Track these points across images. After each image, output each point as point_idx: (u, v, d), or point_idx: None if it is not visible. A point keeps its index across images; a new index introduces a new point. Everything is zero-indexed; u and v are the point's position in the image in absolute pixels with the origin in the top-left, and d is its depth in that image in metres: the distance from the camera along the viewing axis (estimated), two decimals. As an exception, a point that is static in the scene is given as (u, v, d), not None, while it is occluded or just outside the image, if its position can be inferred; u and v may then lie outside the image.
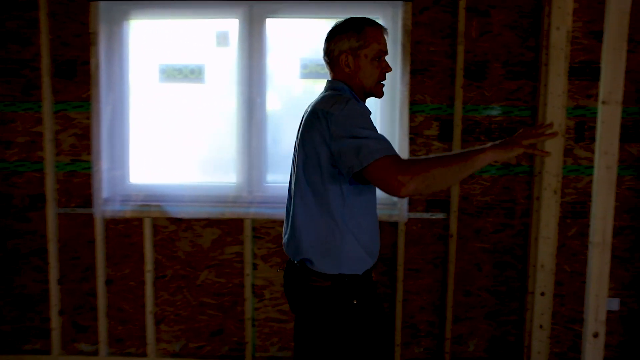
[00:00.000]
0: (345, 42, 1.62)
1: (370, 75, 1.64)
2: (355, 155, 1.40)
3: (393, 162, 1.39)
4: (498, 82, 2.84)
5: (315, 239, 1.56)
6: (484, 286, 2.94)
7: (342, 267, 1.56)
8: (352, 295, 1.57)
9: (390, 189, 1.38)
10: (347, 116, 1.46)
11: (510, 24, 2.81)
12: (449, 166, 1.41)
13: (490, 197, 2.90)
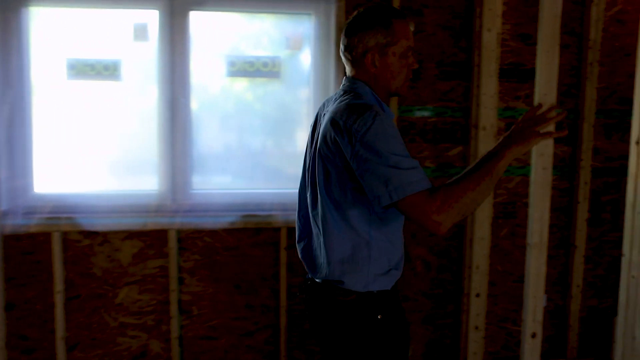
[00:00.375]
0: (372, 39, 1.43)
1: (399, 74, 1.48)
2: (383, 185, 1.28)
3: (425, 200, 1.26)
4: (432, 82, 2.80)
5: (342, 257, 1.44)
6: (421, 290, 2.90)
7: (371, 284, 1.45)
8: (377, 310, 1.46)
9: (427, 228, 1.28)
10: (375, 136, 1.29)
11: (443, 24, 2.77)
12: (478, 188, 1.29)
13: (426, 200, 2.86)
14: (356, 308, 1.45)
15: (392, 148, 1.29)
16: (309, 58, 2.75)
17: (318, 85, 2.75)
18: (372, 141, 1.29)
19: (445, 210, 1.25)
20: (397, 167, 1.27)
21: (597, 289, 3.04)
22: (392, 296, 1.51)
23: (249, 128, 2.78)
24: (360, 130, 1.30)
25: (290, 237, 2.72)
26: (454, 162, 2.85)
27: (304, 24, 2.75)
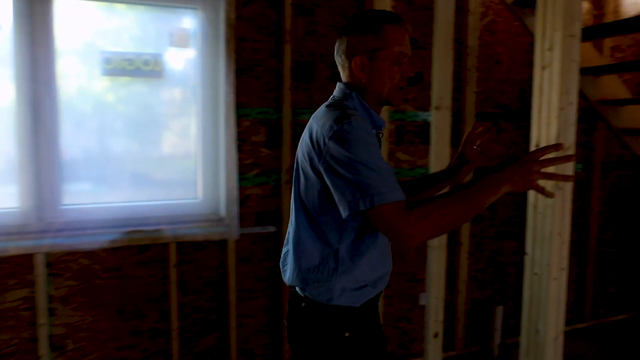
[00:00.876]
0: (360, 43, 1.36)
1: (389, 81, 1.38)
2: (350, 193, 1.21)
3: (399, 212, 1.19)
4: (325, 84, 2.73)
5: (308, 266, 1.37)
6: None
7: (336, 298, 1.35)
8: (343, 326, 1.36)
9: (396, 240, 1.21)
10: (345, 143, 1.22)
11: (335, 24, 2.72)
12: (459, 215, 1.22)
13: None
14: (320, 320, 1.37)
15: (362, 156, 1.21)
16: (196, 56, 2.53)
17: (206, 86, 2.53)
18: (341, 148, 1.22)
19: (420, 227, 1.19)
20: (364, 175, 1.20)
21: (479, 282, 3.22)
22: (364, 314, 1.40)
23: (124, 132, 2.47)
24: (330, 136, 1.24)
25: (181, 252, 2.48)
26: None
27: (189, 19, 2.52)
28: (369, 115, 1.38)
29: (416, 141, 2.97)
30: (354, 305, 1.37)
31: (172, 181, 2.58)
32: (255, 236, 2.65)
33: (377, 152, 1.25)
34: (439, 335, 2.39)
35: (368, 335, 1.42)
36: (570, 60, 1.70)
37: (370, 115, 1.38)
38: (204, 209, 2.56)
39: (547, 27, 1.73)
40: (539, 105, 1.77)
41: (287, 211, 2.66)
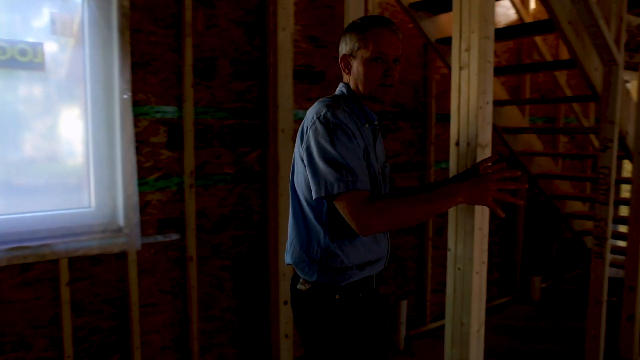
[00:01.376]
0: (347, 44, 1.50)
1: (368, 78, 1.46)
2: (316, 182, 1.35)
3: (355, 202, 1.32)
4: (227, 82, 2.59)
5: (299, 246, 1.49)
6: (228, 307, 2.67)
7: (319, 275, 1.46)
8: (328, 303, 1.47)
9: (353, 225, 1.33)
10: (319, 132, 1.36)
11: (236, 19, 2.59)
12: (416, 214, 1.35)
13: (227, 209, 2.64)
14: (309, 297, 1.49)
15: (333, 146, 1.33)
16: (85, 48, 2.25)
17: (97, 81, 2.26)
18: (317, 137, 1.36)
19: (375, 220, 1.32)
20: (334, 165, 1.32)
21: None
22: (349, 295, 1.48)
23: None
24: (311, 125, 1.39)
25: (74, 268, 2.20)
26: (253, 166, 2.70)
27: (76, 5, 2.23)
28: (361, 110, 1.49)
29: (320, 140, 2.94)
30: (336, 284, 1.45)
31: (59, 188, 2.27)
32: (158, 245, 2.43)
33: (350, 143, 1.36)
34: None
35: (356, 316, 1.49)
36: (486, 61, 1.77)
37: (362, 111, 1.49)
38: (98, 219, 2.29)
39: (464, 28, 1.79)
40: (458, 104, 1.83)
41: (192, 217, 2.48)
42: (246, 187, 2.69)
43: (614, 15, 2.66)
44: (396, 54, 1.48)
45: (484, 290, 1.87)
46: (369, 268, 1.51)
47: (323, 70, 2.91)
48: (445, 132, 3.56)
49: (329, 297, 1.47)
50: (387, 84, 1.47)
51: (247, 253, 2.72)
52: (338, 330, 1.47)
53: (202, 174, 2.54)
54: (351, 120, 1.41)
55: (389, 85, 1.48)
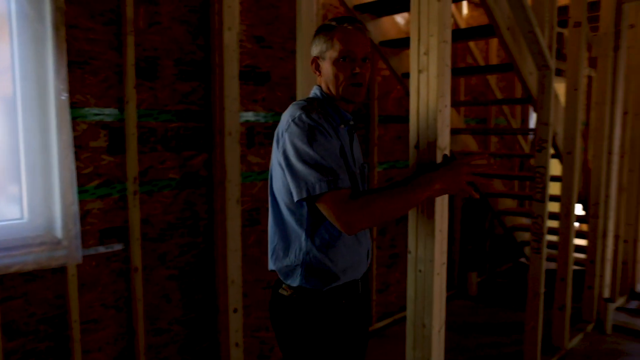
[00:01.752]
0: (317, 46, 1.49)
1: (337, 78, 1.45)
2: (297, 184, 1.33)
3: (337, 200, 1.31)
4: (171, 82, 2.47)
5: (281, 252, 1.47)
6: (176, 318, 2.55)
7: (302, 279, 1.43)
8: (311, 309, 1.44)
9: (337, 225, 1.33)
10: (295, 134, 1.34)
11: (179, 17, 2.47)
12: (399, 203, 1.37)
13: (173, 216, 2.52)
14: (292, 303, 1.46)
15: (310, 147, 1.32)
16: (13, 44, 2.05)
17: (29, 80, 2.07)
18: (293, 140, 1.34)
19: (359, 216, 1.31)
20: (313, 166, 1.31)
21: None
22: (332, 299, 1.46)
23: None
24: (286, 129, 1.37)
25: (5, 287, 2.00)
26: (199, 171, 2.60)
27: (2, -4, 2.03)
28: (335, 111, 1.48)
29: (266, 143, 2.88)
30: (319, 288, 1.43)
31: (-15, 199, 2.06)
32: (99, 257, 2.28)
33: (327, 142, 1.35)
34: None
35: (338, 323, 1.47)
36: (444, 65, 1.79)
37: (337, 112, 1.48)
38: (33, 231, 2.10)
39: (422, 32, 1.80)
40: (417, 107, 1.84)
41: (136, 226, 2.34)
42: (192, 192, 2.58)
43: (547, 24, 2.80)
44: (364, 52, 1.47)
45: (444, 291, 1.90)
46: (351, 272, 1.49)
47: (269, 71, 2.85)
48: (387, 134, 3.61)
49: (312, 303, 1.44)
50: (356, 82, 1.46)
51: (195, 261, 2.61)
52: (318, 337, 1.44)
53: (146, 179, 2.41)
54: (326, 121, 1.38)
55: (358, 85, 1.47)
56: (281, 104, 2.91)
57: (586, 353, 3.24)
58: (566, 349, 3.25)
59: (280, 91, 2.91)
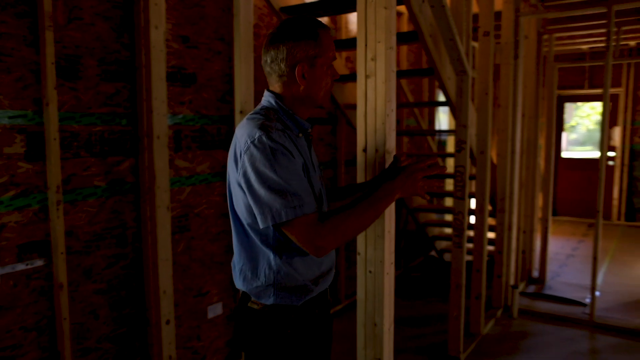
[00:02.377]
0: (301, 50, 1.37)
1: (325, 85, 1.43)
2: (261, 211, 1.28)
3: (312, 225, 1.28)
4: (95, 83, 2.30)
5: (249, 270, 1.42)
6: (105, 335, 2.38)
7: (276, 298, 1.40)
8: (286, 324, 1.41)
9: (309, 251, 1.30)
10: (255, 157, 1.28)
11: (103, 13, 2.31)
12: (363, 222, 1.36)
13: (99, 226, 2.35)
14: (264, 320, 1.42)
15: (273, 171, 1.27)
16: None
17: None
18: (254, 163, 1.28)
19: (330, 239, 1.29)
20: (277, 191, 1.26)
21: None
22: (306, 312, 1.44)
23: None
24: (245, 150, 1.30)
25: None
26: (126, 177, 2.44)
27: None
28: (293, 121, 1.42)
29: (194, 147, 2.78)
30: (294, 304, 1.41)
31: None
32: (18, 275, 2.06)
33: (291, 164, 1.30)
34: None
35: (312, 333, 1.46)
36: (391, 70, 1.85)
37: (295, 121, 1.43)
38: None
39: (370, 38, 1.84)
40: (365, 112, 1.88)
41: (60, 238, 2.15)
42: (119, 200, 2.42)
43: (464, 32, 2.98)
44: None
45: (393, 290, 1.96)
46: (322, 282, 1.47)
47: (195, 72, 2.75)
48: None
49: (286, 317, 1.41)
50: (330, 87, 1.47)
51: (124, 273, 2.45)
52: (295, 348, 1.42)
53: (69, 188, 2.22)
54: (287, 138, 1.32)
55: (330, 89, 1.48)
56: (208, 106, 2.83)
57: (499, 337, 3.50)
58: (482, 335, 3.49)
59: (206, 93, 2.82)
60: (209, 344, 2.92)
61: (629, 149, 7.34)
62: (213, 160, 2.89)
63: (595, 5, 3.70)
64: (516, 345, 3.37)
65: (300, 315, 1.43)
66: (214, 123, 2.88)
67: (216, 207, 2.92)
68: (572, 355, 3.24)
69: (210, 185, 2.89)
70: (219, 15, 2.87)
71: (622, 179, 7.35)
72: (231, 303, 3.04)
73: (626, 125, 7.32)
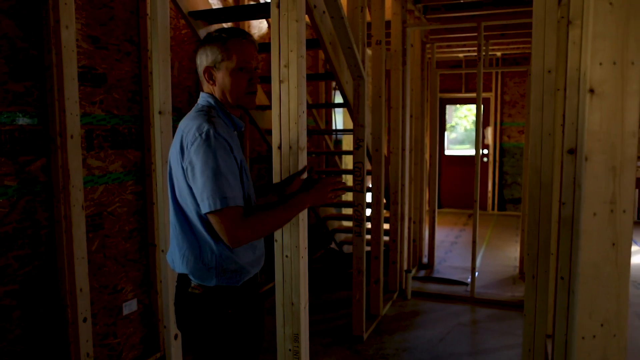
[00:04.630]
0: (209, 56, 1.58)
1: (235, 87, 1.58)
2: (201, 198, 1.44)
3: (237, 217, 1.44)
4: (3, 81, 2.28)
5: (192, 255, 1.55)
6: (19, 337, 2.36)
7: (218, 279, 1.55)
8: (227, 304, 1.57)
9: (226, 239, 1.45)
10: (199, 149, 1.44)
11: (7, 10, 2.29)
12: (279, 221, 1.56)
13: (11, 226, 2.33)
14: (206, 301, 1.56)
15: (213, 163, 1.43)
16: None
17: None
18: (198, 155, 1.43)
19: (248, 233, 1.46)
20: (213, 182, 1.42)
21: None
22: (245, 292, 1.60)
23: None
24: (192, 142, 1.45)
25: None
26: (38, 177, 2.44)
27: None
28: (229, 119, 1.61)
29: (106, 146, 2.81)
30: (235, 284, 1.57)
31: None
32: None
33: (229, 159, 1.48)
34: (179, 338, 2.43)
35: (249, 311, 1.63)
36: (301, 76, 2.07)
37: (230, 119, 1.61)
38: None
39: (283, 47, 2.05)
40: (279, 113, 2.09)
41: (-28, 239, 2.12)
42: (31, 200, 2.41)
43: (360, 41, 3.30)
44: (256, 62, 1.63)
45: (307, 272, 2.18)
46: (256, 265, 1.66)
47: (105, 72, 2.79)
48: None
49: (227, 298, 1.56)
50: (252, 91, 1.62)
51: (38, 273, 2.44)
52: (235, 327, 1.57)
53: (-21, 188, 2.19)
54: (228, 134, 1.51)
55: (253, 92, 1.63)
56: (119, 106, 2.87)
57: (396, 316, 3.88)
58: (381, 315, 3.85)
59: (117, 93, 2.87)
60: (125, 340, 2.96)
61: (499, 146, 8.26)
62: (125, 160, 2.94)
63: (468, 21, 4.23)
64: (411, 323, 3.77)
65: (239, 295, 1.59)
66: (125, 123, 2.93)
67: (129, 206, 2.97)
68: (457, 327, 3.70)
69: (123, 183, 2.93)
70: (128, 17, 2.93)
71: (495, 174, 8.25)
72: (145, 299, 3.10)
73: (497, 126, 8.22)
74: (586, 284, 1.43)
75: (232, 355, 1.58)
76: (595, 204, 1.39)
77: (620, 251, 1.40)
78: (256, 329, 1.68)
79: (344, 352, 3.30)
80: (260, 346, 1.73)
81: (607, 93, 1.36)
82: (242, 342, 1.60)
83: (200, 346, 1.59)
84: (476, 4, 4.31)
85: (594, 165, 1.39)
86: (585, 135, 1.39)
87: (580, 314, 1.45)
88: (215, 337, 1.56)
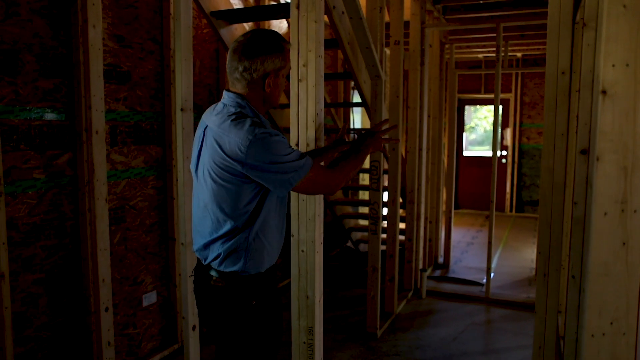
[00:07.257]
0: (271, 63, 1.60)
1: (281, 92, 1.70)
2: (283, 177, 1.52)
3: (322, 170, 1.63)
4: (33, 78, 2.38)
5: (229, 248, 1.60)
6: (45, 324, 2.45)
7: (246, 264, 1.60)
8: (250, 296, 1.62)
9: (325, 189, 1.67)
10: (262, 146, 1.49)
11: (39, 10, 2.38)
12: (357, 164, 1.77)
13: (39, 217, 2.42)
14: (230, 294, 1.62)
15: (280, 150, 1.51)
16: None
17: None
18: (263, 151, 1.49)
19: (339, 179, 1.67)
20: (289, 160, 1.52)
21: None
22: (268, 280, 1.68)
23: None
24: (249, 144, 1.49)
25: None
26: (65, 170, 2.53)
27: None
28: (259, 118, 1.65)
29: (129, 142, 2.90)
30: (260, 271, 1.64)
31: None
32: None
33: (283, 140, 1.56)
34: (197, 328, 2.50)
35: (271, 303, 1.69)
36: (319, 76, 2.12)
37: (260, 119, 1.65)
38: None
39: (302, 47, 2.10)
40: (297, 111, 2.14)
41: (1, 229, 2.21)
42: (57, 192, 2.50)
43: (378, 41, 3.34)
44: None
45: (322, 266, 2.23)
46: (280, 251, 1.72)
47: (129, 70, 2.87)
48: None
49: (251, 289, 1.62)
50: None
51: (63, 263, 2.53)
52: (261, 318, 1.63)
53: (9, 180, 2.28)
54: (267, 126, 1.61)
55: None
56: (142, 103, 2.96)
57: (411, 315, 3.91)
58: (396, 313, 3.88)
59: (140, 90, 2.95)
60: (144, 331, 3.04)
61: (518, 148, 8.21)
62: (147, 155, 3.02)
63: (487, 21, 4.23)
64: (425, 321, 3.80)
65: (262, 284, 1.64)
66: (148, 119, 3.01)
67: (150, 200, 3.05)
68: (471, 326, 3.71)
69: (144, 178, 3.01)
70: (152, 17, 3.01)
71: (513, 175, 8.20)
72: (164, 291, 3.18)
73: (516, 127, 8.17)
74: (596, 283, 1.46)
75: (256, 346, 1.64)
76: (606, 203, 1.41)
77: (630, 250, 1.42)
78: (277, 321, 1.73)
79: (358, 348, 3.34)
80: (281, 338, 1.77)
81: (619, 94, 1.38)
82: (266, 333, 1.66)
83: (225, 338, 1.64)
84: (496, 5, 4.31)
85: (606, 165, 1.41)
86: (597, 136, 1.41)
87: (590, 312, 1.47)
88: (240, 328, 1.62)
